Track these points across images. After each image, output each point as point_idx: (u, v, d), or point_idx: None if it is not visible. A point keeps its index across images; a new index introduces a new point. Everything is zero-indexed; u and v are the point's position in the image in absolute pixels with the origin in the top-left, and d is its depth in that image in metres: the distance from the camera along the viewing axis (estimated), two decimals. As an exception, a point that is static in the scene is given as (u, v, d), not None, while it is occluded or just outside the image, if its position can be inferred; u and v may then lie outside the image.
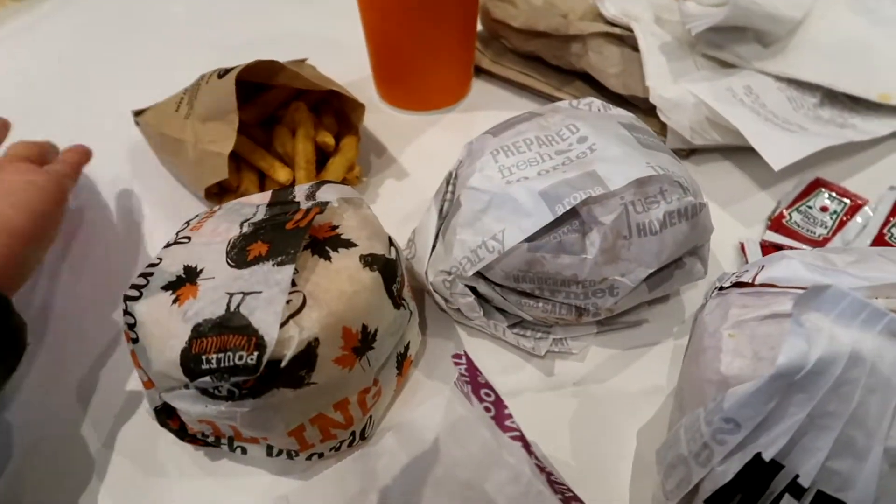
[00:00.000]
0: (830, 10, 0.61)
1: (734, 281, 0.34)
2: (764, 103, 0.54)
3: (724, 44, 0.57)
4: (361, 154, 0.56)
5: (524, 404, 0.41)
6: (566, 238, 0.38)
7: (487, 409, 0.30)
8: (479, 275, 0.41)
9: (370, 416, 0.38)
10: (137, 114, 0.54)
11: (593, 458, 0.39)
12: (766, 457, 0.28)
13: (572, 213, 0.38)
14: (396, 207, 0.52)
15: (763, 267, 0.33)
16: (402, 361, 0.40)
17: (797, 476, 0.28)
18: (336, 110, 0.54)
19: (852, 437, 0.27)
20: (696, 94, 0.52)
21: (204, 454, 0.39)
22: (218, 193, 0.50)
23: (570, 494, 0.30)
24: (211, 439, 0.37)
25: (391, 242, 0.39)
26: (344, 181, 0.51)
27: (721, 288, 0.35)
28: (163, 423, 0.37)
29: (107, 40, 0.69)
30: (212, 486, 0.38)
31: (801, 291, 0.31)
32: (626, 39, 0.57)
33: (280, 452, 0.36)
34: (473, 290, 0.42)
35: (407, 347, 0.41)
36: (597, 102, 0.45)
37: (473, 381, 0.30)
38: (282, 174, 0.48)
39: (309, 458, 0.37)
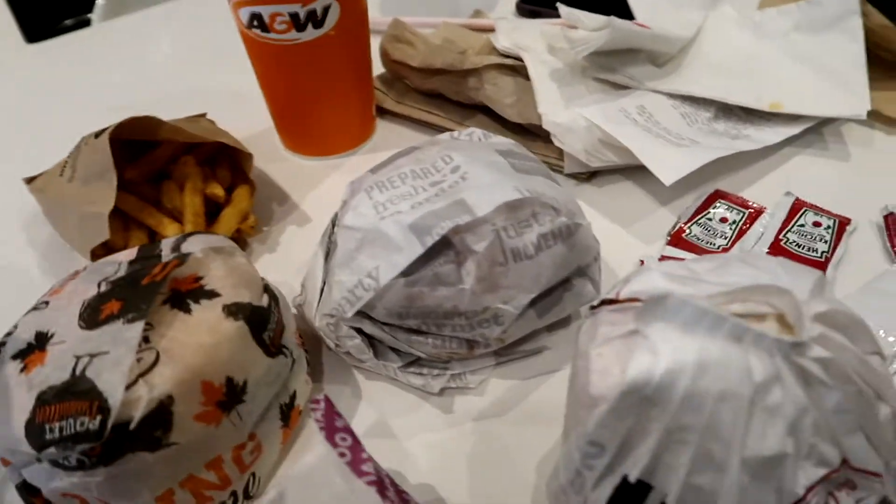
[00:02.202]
0: (720, 27, 0.62)
1: (604, 298, 0.33)
2: (658, 121, 0.54)
3: (616, 67, 0.57)
4: (264, 203, 0.56)
5: (421, 445, 0.39)
6: (441, 269, 0.37)
7: (342, 455, 0.28)
8: (365, 315, 0.40)
9: (252, 474, 0.36)
10: (29, 181, 0.53)
11: (492, 498, 0.37)
12: (632, 478, 0.27)
13: (446, 244, 0.37)
14: (297, 254, 0.51)
15: (628, 282, 0.33)
16: (289, 412, 0.39)
17: (666, 496, 0.27)
18: (232, 162, 0.53)
19: (710, 451, 0.26)
20: (587, 117, 0.52)
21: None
22: (104, 255, 0.48)
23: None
24: (80, 514, 0.35)
25: (266, 289, 0.38)
26: (238, 232, 0.50)
27: (593, 307, 0.34)
28: (28, 502, 0.35)
29: (3, 104, 0.69)
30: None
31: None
32: (519, 70, 0.57)
33: (154, 521, 0.34)
34: (360, 331, 0.41)
35: (293, 397, 0.39)
36: (478, 132, 0.45)
37: (329, 425, 0.29)
38: (170, 230, 0.47)
39: (186, 524, 0.35)
